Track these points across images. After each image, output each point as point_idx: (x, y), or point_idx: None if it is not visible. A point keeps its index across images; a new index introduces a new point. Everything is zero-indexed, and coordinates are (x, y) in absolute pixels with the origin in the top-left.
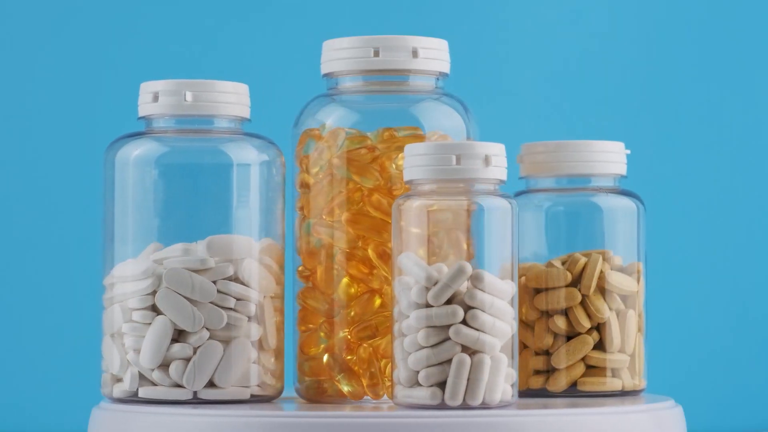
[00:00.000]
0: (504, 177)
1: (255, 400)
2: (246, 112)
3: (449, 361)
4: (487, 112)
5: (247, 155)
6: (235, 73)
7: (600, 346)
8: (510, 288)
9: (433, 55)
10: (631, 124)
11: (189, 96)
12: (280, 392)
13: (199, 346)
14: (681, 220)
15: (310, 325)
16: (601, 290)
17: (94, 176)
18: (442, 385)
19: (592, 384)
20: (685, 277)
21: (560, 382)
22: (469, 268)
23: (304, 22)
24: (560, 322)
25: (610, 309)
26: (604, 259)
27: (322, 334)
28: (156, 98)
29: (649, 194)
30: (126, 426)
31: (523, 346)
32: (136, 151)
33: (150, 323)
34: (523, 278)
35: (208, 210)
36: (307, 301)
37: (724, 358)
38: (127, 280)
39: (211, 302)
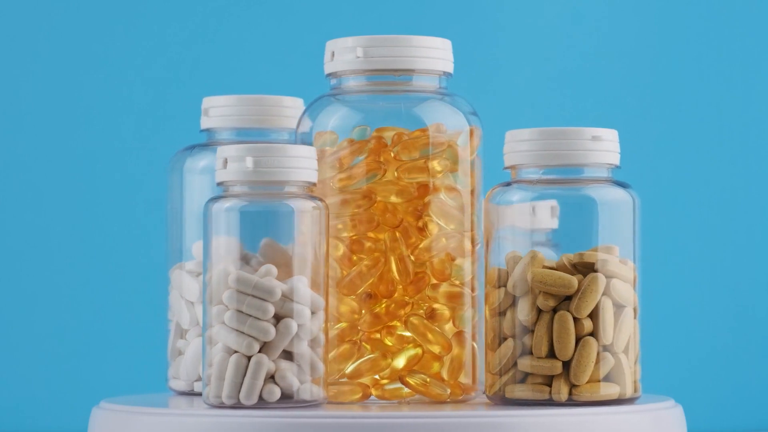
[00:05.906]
0: (314, 179)
1: None
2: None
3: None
4: (490, 111)
5: None
6: (261, 81)
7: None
8: (276, 288)
9: (436, 54)
10: (633, 122)
11: (246, 110)
12: None
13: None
14: (677, 215)
15: None
16: (540, 291)
17: (100, 181)
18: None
19: (513, 391)
20: (684, 275)
21: (494, 388)
22: (231, 270)
23: (321, 27)
24: (488, 327)
25: (542, 311)
26: (601, 256)
27: None
28: (217, 113)
29: (641, 187)
30: (126, 426)
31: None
32: (201, 161)
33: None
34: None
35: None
36: None
37: (724, 357)
38: None
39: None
